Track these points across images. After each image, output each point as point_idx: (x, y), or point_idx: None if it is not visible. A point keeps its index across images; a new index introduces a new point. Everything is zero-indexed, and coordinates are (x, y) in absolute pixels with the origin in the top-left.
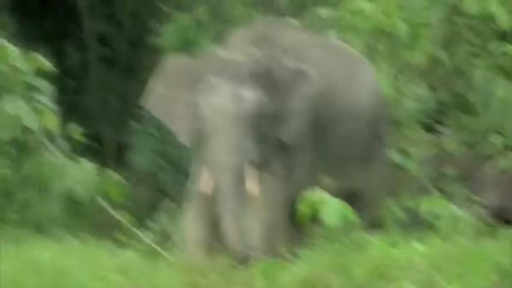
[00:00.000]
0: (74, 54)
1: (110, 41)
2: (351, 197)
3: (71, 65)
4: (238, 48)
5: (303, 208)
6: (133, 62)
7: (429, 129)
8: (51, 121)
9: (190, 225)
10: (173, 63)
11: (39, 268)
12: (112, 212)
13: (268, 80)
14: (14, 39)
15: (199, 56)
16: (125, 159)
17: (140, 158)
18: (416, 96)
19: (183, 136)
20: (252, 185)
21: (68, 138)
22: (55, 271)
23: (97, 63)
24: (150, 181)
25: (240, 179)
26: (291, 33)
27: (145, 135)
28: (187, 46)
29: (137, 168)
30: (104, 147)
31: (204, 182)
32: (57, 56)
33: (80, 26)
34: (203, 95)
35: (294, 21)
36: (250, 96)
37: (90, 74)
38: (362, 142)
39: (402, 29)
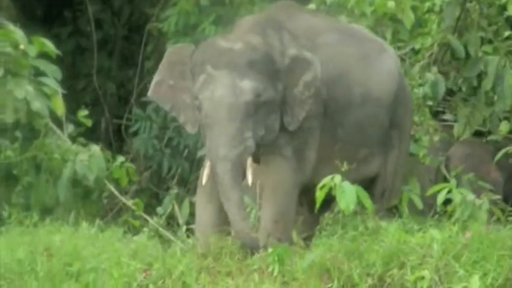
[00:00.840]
0: (69, 39)
1: (106, 27)
2: (368, 183)
3: (66, 51)
4: (241, 35)
5: (319, 194)
6: (130, 47)
7: (439, 115)
8: (59, 105)
9: (201, 210)
10: (177, 52)
11: (52, 252)
12: (120, 197)
13: (268, 68)
14: (15, 23)
15: (201, 45)
16: (124, 145)
17: (141, 143)
18: (427, 83)
19: (189, 125)
20: (251, 175)
21: (74, 123)
22: (68, 255)
23: (92, 48)
24: (150, 166)
25: (239, 169)
26: (304, 18)
27: (146, 121)
28: (189, 31)
29: (137, 154)
30: (101, 133)
31: (206, 173)
32: (52, 41)
33: (75, 11)
34: (202, 85)
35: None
36: (248, 86)
37: (85, 59)
38: (379, 128)
39: (410, 15)
